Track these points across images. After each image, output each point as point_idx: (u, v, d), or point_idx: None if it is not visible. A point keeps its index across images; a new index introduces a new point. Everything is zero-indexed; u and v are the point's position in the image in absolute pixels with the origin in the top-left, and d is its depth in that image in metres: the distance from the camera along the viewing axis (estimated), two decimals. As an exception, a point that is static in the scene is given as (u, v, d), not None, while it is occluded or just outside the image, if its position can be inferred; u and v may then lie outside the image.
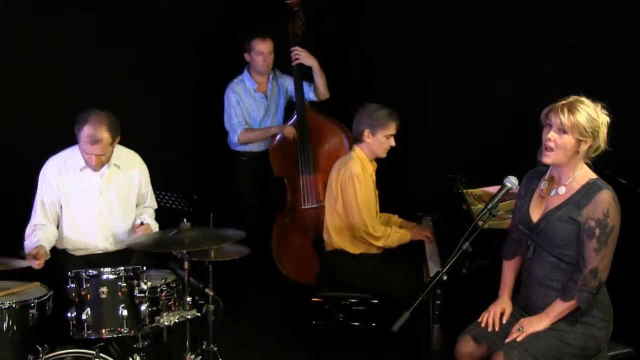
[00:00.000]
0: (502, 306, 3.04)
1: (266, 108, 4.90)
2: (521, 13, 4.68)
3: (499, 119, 4.71)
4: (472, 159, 4.78)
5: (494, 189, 3.55)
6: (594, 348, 2.88)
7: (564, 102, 2.82)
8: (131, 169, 3.81)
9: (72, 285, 3.16)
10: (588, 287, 2.79)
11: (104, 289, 3.13)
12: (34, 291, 3.25)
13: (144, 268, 3.24)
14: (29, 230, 3.65)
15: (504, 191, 2.91)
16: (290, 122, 4.90)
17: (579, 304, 2.81)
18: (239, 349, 4.17)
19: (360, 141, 3.97)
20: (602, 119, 2.81)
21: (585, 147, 2.80)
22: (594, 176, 2.86)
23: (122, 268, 3.18)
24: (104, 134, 3.52)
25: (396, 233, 3.97)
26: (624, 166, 3.56)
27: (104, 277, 3.16)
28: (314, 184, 4.82)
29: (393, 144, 3.97)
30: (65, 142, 3.74)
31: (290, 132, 4.81)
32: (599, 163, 2.90)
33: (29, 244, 3.56)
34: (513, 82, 4.70)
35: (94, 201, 3.71)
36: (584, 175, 2.86)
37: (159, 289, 3.23)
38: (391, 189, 4.32)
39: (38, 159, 3.73)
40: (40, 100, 4.16)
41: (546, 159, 2.84)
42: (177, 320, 3.17)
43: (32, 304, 3.10)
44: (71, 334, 3.16)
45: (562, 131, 2.79)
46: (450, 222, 3.93)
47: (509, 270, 3.12)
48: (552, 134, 2.80)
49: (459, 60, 4.86)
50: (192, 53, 5.17)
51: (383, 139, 3.93)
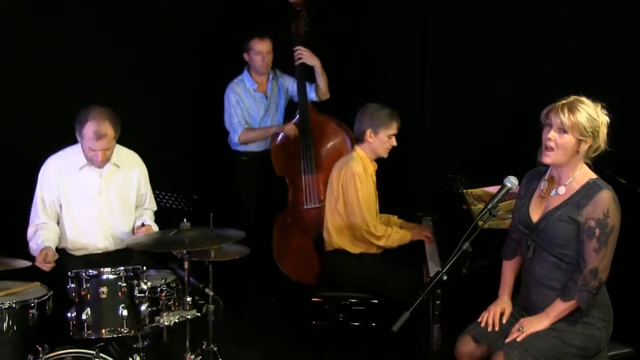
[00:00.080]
0: (502, 306, 3.04)
1: (266, 108, 4.90)
2: (521, 13, 4.68)
3: (499, 118, 4.71)
4: (472, 158, 4.78)
5: (494, 189, 3.55)
6: (594, 348, 2.88)
7: (564, 101, 2.82)
8: (130, 168, 3.81)
9: (72, 285, 3.16)
10: (588, 287, 2.79)
11: (104, 289, 3.13)
12: (34, 291, 3.24)
13: (144, 268, 3.24)
14: (31, 231, 3.65)
15: (504, 191, 2.90)
16: (293, 121, 4.90)
17: (579, 304, 2.81)
18: (239, 349, 4.17)
19: (362, 141, 3.97)
20: (602, 118, 2.81)
21: (585, 147, 2.81)
22: (593, 176, 2.86)
23: (122, 268, 3.18)
24: (108, 128, 3.53)
25: (397, 233, 3.97)
26: (624, 166, 3.56)
27: (104, 277, 3.15)
28: (316, 184, 4.81)
29: (395, 143, 3.97)
30: (65, 142, 3.74)
31: (292, 130, 4.80)
32: (599, 163, 2.90)
33: (34, 246, 3.56)
34: (513, 82, 4.70)
35: (93, 200, 3.71)
36: (584, 175, 2.86)
37: (159, 289, 3.22)
38: (391, 189, 4.32)
39: (38, 159, 3.73)
40: (40, 100, 4.16)
41: (546, 158, 2.84)
42: (177, 320, 3.16)
43: (32, 304, 3.10)
44: (71, 334, 3.16)
45: (563, 131, 2.79)
46: (450, 222, 3.92)
47: (508, 270, 3.12)
48: (552, 134, 2.80)
49: (459, 60, 4.86)
50: (192, 53, 5.17)
51: (385, 139, 3.94)
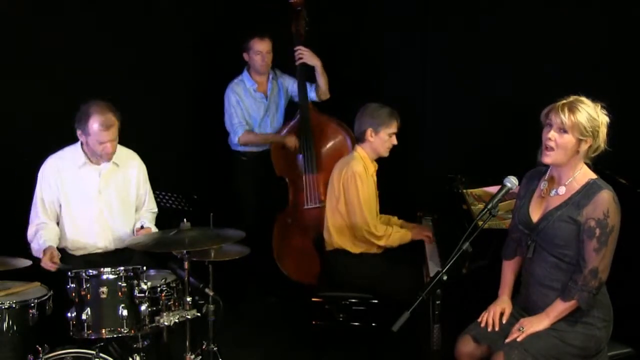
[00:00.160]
0: (502, 306, 3.04)
1: (266, 108, 4.89)
2: (521, 13, 4.68)
3: (499, 118, 4.71)
4: (472, 158, 4.78)
5: (494, 189, 3.55)
6: (594, 348, 2.88)
7: (564, 101, 2.82)
8: (129, 166, 3.81)
9: (72, 285, 3.16)
10: (588, 287, 2.79)
11: (104, 289, 3.13)
12: (34, 291, 3.24)
13: (144, 268, 3.24)
14: (31, 231, 3.64)
15: (504, 191, 2.90)
16: (293, 122, 4.90)
17: (579, 304, 2.81)
18: (239, 349, 4.17)
19: (362, 141, 3.98)
20: (602, 118, 2.81)
21: (585, 147, 2.80)
22: (593, 176, 2.86)
23: (122, 268, 3.18)
24: (112, 117, 3.55)
25: (397, 232, 3.97)
26: (624, 166, 3.56)
27: (104, 277, 3.16)
28: (316, 183, 4.81)
29: (395, 142, 3.98)
30: (65, 142, 3.74)
31: (292, 141, 4.80)
32: (599, 163, 2.90)
33: (36, 247, 3.56)
34: (513, 82, 4.70)
35: (93, 200, 3.71)
36: (584, 175, 2.86)
37: (159, 289, 3.22)
38: (391, 189, 4.32)
39: (38, 159, 3.73)
40: (40, 100, 4.16)
41: (546, 158, 2.84)
42: (177, 320, 3.16)
43: (32, 304, 3.10)
44: (71, 334, 3.16)
45: (563, 131, 2.79)
46: (450, 222, 3.92)
47: (509, 270, 3.12)
48: (552, 134, 2.80)
49: (459, 60, 4.86)
50: (192, 53, 5.17)
51: (386, 138, 3.94)
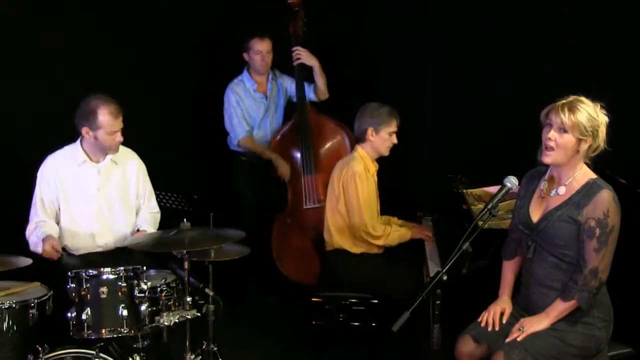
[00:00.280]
0: (502, 306, 3.04)
1: (266, 108, 4.89)
2: (521, 13, 4.68)
3: (499, 119, 4.71)
4: (472, 158, 4.78)
5: (494, 189, 3.55)
6: (594, 348, 2.88)
7: (564, 101, 2.82)
8: (128, 163, 3.81)
9: (72, 285, 3.16)
10: (588, 287, 2.79)
11: (104, 289, 3.13)
12: (34, 291, 3.24)
13: (144, 268, 3.23)
14: (30, 227, 3.65)
15: (504, 191, 2.90)
16: (290, 122, 4.90)
17: (579, 303, 2.81)
18: (239, 349, 4.17)
19: (363, 140, 3.97)
20: (602, 118, 2.81)
21: (585, 147, 2.80)
22: (593, 176, 2.86)
23: (122, 268, 3.17)
24: (118, 106, 3.58)
25: (396, 232, 3.97)
26: (624, 166, 3.56)
27: (104, 277, 3.15)
28: (315, 184, 4.81)
29: (395, 141, 3.98)
30: (65, 142, 3.74)
31: (284, 172, 4.81)
32: (599, 163, 2.90)
33: (35, 239, 3.56)
34: (513, 82, 4.71)
35: (92, 197, 3.71)
36: (583, 175, 2.86)
37: (159, 289, 3.22)
38: (391, 189, 4.32)
39: (38, 159, 3.73)
40: (40, 100, 4.16)
41: (546, 158, 2.84)
42: (177, 320, 3.16)
43: (32, 304, 3.09)
44: (71, 334, 3.16)
45: (563, 130, 2.79)
46: (450, 222, 3.92)
47: (509, 270, 3.12)
48: (552, 134, 2.80)
49: (459, 60, 4.87)
50: (192, 53, 5.17)
51: (386, 137, 3.94)
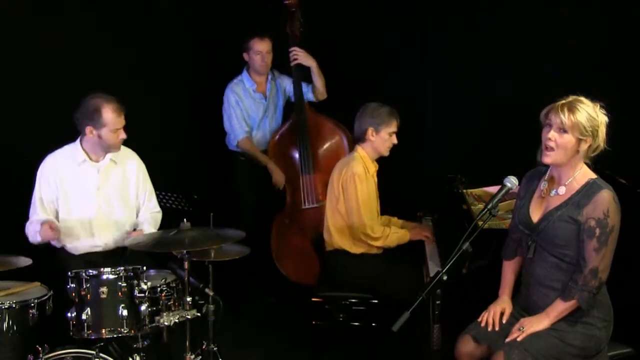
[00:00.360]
0: (502, 306, 3.04)
1: (265, 108, 4.89)
2: (521, 13, 4.68)
3: (499, 119, 4.71)
4: (472, 158, 4.78)
5: (494, 189, 3.55)
6: (594, 348, 2.88)
7: (564, 101, 2.82)
8: (128, 163, 3.81)
9: (72, 285, 3.16)
10: (588, 286, 2.79)
11: (104, 289, 3.13)
12: (34, 291, 3.24)
13: (144, 268, 3.23)
14: (29, 223, 3.65)
15: (504, 191, 2.90)
16: (288, 122, 4.90)
17: (579, 303, 2.81)
18: (239, 349, 4.17)
19: (363, 140, 3.97)
20: (601, 118, 2.82)
21: (585, 147, 2.80)
22: (593, 176, 2.86)
23: (122, 268, 3.17)
24: (119, 103, 3.60)
25: (395, 233, 3.97)
26: (624, 166, 3.56)
27: (104, 277, 3.15)
28: (313, 184, 4.81)
29: (395, 141, 3.98)
30: (65, 142, 3.75)
31: (279, 180, 4.82)
32: (598, 163, 2.90)
33: (32, 230, 3.58)
34: (513, 82, 4.71)
35: (92, 196, 3.71)
36: (583, 175, 2.86)
37: (159, 289, 3.22)
38: (391, 189, 4.32)
39: (38, 159, 3.73)
40: (40, 100, 4.16)
41: (546, 158, 2.84)
42: (177, 320, 3.16)
43: (32, 304, 3.09)
44: (71, 334, 3.16)
45: (563, 130, 2.79)
46: (450, 222, 3.92)
47: (509, 270, 3.12)
48: (552, 134, 2.80)
49: (459, 60, 4.87)
50: (192, 53, 5.17)
51: (386, 137, 3.94)
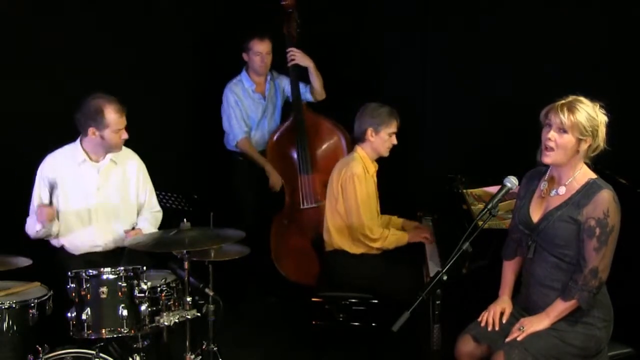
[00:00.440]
0: (502, 306, 3.04)
1: (264, 109, 4.89)
2: (521, 13, 4.68)
3: (500, 118, 4.71)
4: (472, 158, 4.78)
5: (494, 189, 3.54)
6: (594, 348, 2.88)
7: (563, 101, 2.82)
8: (128, 163, 3.81)
9: (72, 285, 3.16)
10: (588, 286, 2.79)
11: (104, 289, 3.13)
12: (34, 291, 3.24)
13: (144, 268, 3.23)
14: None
15: (504, 191, 2.90)
16: (287, 123, 4.90)
17: (580, 303, 2.81)
18: (239, 349, 4.17)
19: (362, 141, 3.97)
20: (601, 118, 2.82)
21: (585, 147, 2.81)
22: (593, 176, 2.86)
23: (122, 268, 3.18)
24: (120, 103, 3.59)
25: (393, 235, 3.96)
26: (624, 166, 3.56)
27: (104, 277, 3.15)
28: (312, 184, 4.81)
29: (395, 142, 3.97)
30: (65, 142, 3.74)
31: (276, 183, 4.83)
32: (598, 163, 2.90)
33: (31, 222, 3.59)
34: (513, 82, 4.71)
35: (91, 196, 3.70)
36: (583, 175, 2.86)
37: (159, 289, 3.22)
38: (391, 188, 4.32)
39: (38, 159, 3.73)
40: (40, 100, 4.15)
41: (546, 158, 2.84)
42: (177, 320, 3.16)
43: (32, 304, 3.10)
44: (71, 334, 3.16)
45: (562, 130, 2.79)
46: (450, 222, 3.92)
47: (509, 270, 3.12)
48: (552, 134, 2.80)
49: (459, 60, 4.87)
50: (192, 53, 5.17)
51: (386, 137, 3.93)
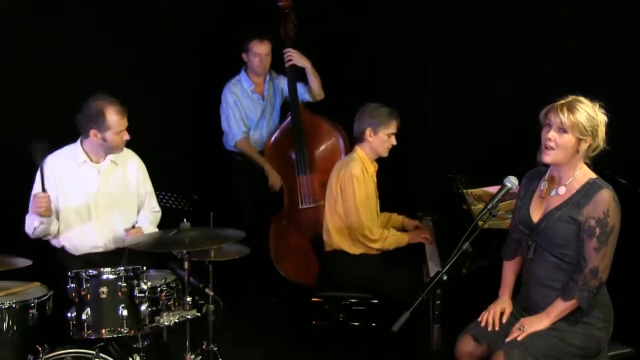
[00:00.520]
0: (502, 306, 3.04)
1: (263, 109, 4.89)
2: (522, 13, 4.68)
3: (500, 118, 4.71)
4: (473, 158, 4.78)
5: (494, 189, 3.54)
6: (594, 348, 2.88)
7: (563, 101, 2.82)
8: (128, 164, 3.81)
9: (72, 285, 3.16)
10: (588, 286, 2.79)
11: (104, 289, 3.13)
12: (34, 291, 3.24)
13: (144, 268, 3.23)
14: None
15: (504, 191, 2.90)
16: (285, 123, 4.90)
17: (580, 303, 2.81)
18: (239, 349, 4.17)
19: (361, 141, 3.96)
20: (601, 117, 2.82)
21: (585, 146, 2.80)
22: (593, 176, 2.86)
23: (122, 268, 3.18)
24: (121, 104, 3.59)
25: (393, 236, 3.96)
26: (624, 166, 3.56)
27: (104, 277, 3.15)
28: (310, 184, 4.81)
29: (394, 142, 3.97)
30: (65, 142, 3.74)
31: (276, 182, 4.83)
32: (598, 163, 2.90)
33: (29, 219, 3.58)
34: (514, 82, 4.71)
35: (92, 197, 3.70)
36: (583, 175, 2.86)
37: (159, 289, 3.22)
38: (391, 188, 4.32)
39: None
40: (40, 100, 4.15)
41: (546, 157, 2.84)
42: (177, 320, 3.16)
43: (32, 304, 3.10)
44: (71, 334, 3.16)
45: (562, 130, 2.79)
46: (450, 222, 3.92)
47: (509, 271, 3.12)
48: (552, 134, 2.80)
49: (460, 59, 4.87)
50: (192, 53, 5.17)
51: (385, 138, 3.93)
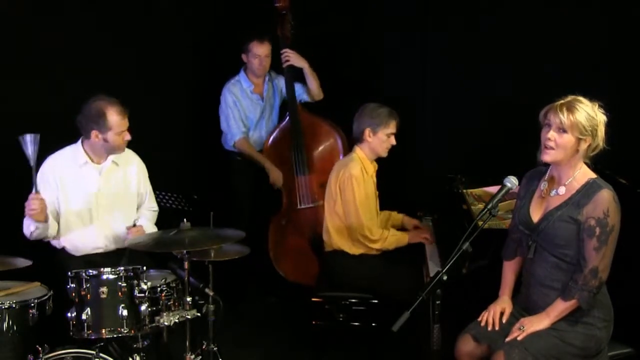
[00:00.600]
0: (502, 306, 3.04)
1: (262, 109, 4.89)
2: (521, 13, 4.68)
3: (500, 118, 4.71)
4: (472, 158, 4.78)
5: (494, 189, 3.55)
6: (595, 348, 2.88)
7: (562, 101, 2.83)
8: (129, 164, 3.81)
9: (72, 285, 3.16)
10: (588, 286, 2.79)
11: (104, 289, 3.13)
12: (34, 291, 3.24)
13: (144, 268, 3.23)
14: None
15: (504, 191, 2.90)
16: (283, 123, 4.89)
17: (580, 303, 2.81)
18: (239, 349, 4.18)
19: (361, 141, 3.96)
20: (600, 117, 2.82)
21: (584, 146, 2.81)
22: (593, 176, 2.86)
23: (122, 268, 3.18)
24: (122, 104, 3.59)
25: (393, 236, 3.96)
26: (624, 166, 3.56)
27: (104, 277, 3.15)
28: (309, 184, 4.81)
29: (394, 142, 3.97)
30: (65, 142, 3.74)
31: (277, 179, 4.82)
32: (598, 163, 2.90)
33: (26, 221, 3.56)
34: (513, 82, 4.71)
35: (92, 198, 3.70)
36: (583, 174, 2.86)
37: (159, 289, 3.22)
38: (391, 188, 4.32)
39: (38, 158, 3.72)
40: (40, 100, 4.15)
41: (546, 156, 2.84)
42: (177, 320, 3.16)
43: (32, 304, 3.09)
44: (71, 334, 3.16)
45: (562, 130, 2.79)
46: (450, 222, 3.92)
47: (509, 271, 3.12)
48: (551, 134, 2.81)
49: (459, 60, 4.87)
50: (192, 53, 5.16)
51: (384, 138, 3.93)
